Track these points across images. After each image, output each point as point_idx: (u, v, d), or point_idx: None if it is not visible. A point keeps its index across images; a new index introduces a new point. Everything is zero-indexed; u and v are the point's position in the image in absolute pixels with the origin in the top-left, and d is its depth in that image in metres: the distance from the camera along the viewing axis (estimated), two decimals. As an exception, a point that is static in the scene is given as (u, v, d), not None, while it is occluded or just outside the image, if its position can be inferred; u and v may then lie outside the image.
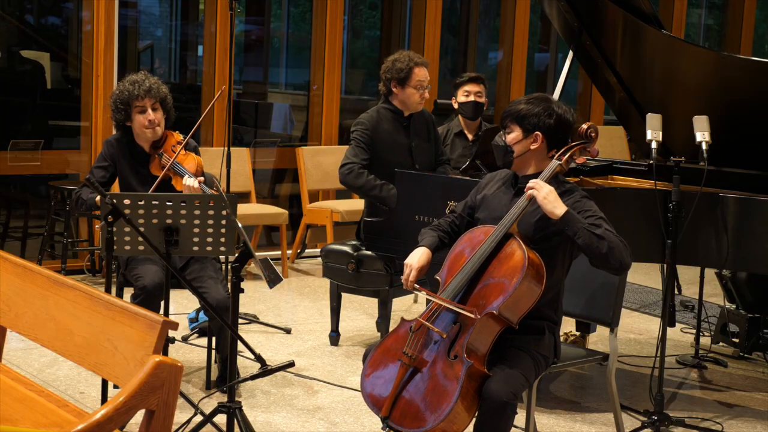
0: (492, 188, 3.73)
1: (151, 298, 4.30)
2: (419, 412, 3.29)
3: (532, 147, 3.59)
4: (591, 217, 3.47)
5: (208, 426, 3.88)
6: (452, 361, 3.32)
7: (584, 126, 3.66)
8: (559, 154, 3.57)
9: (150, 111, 4.55)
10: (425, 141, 5.46)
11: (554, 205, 3.40)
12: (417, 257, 3.60)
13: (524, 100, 3.64)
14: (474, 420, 3.37)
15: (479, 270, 3.43)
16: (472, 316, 3.33)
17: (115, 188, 4.98)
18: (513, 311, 3.39)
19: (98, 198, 4.37)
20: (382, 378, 3.42)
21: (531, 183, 3.47)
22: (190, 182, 4.39)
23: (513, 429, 4.32)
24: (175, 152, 4.54)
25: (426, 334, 3.42)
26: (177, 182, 4.52)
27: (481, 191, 3.75)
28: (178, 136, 4.65)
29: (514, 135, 3.60)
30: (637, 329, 6.04)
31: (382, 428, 3.43)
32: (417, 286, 3.55)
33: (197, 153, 4.66)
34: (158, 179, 4.49)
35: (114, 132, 4.91)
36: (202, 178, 4.43)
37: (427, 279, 4.69)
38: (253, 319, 5.82)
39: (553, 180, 3.56)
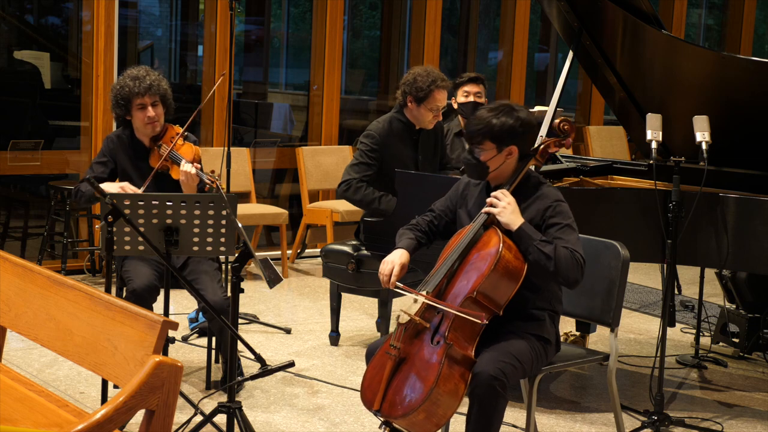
0: (472, 189, 3.76)
1: (141, 300, 4.24)
2: (404, 398, 3.34)
3: (507, 160, 3.59)
4: (556, 226, 3.50)
5: (208, 426, 3.88)
6: (434, 347, 3.37)
7: (557, 121, 3.71)
8: (532, 150, 3.64)
9: (150, 108, 4.55)
10: (431, 155, 5.46)
11: (510, 218, 3.48)
12: (398, 256, 3.62)
13: (491, 114, 3.57)
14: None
15: (461, 262, 3.49)
16: (446, 308, 3.37)
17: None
18: (493, 295, 3.42)
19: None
20: (377, 377, 3.46)
21: (493, 194, 3.53)
22: (187, 168, 4.38)
23: (513, 429, 4.33)
24: (173, 142, 4.55)
25: (413, 327, 3.46)
26: (174, 171, 4.51)
27: (461, 191, 3.79)
28: (178, 129, 4.65)
29: (488, 152, 3.57)
30: (637, 329, 6.04)
31: (379, 427, 3.44)
32: (399, 284, 3.56)
33: (196, 145, 4.66)
34: (155, 169, 4.49)
35: (114, 129, 4.91)
36: (198, 165, 4.43)
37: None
38: (253, 319, 5.82)
39: (529, 180, 3.61)
